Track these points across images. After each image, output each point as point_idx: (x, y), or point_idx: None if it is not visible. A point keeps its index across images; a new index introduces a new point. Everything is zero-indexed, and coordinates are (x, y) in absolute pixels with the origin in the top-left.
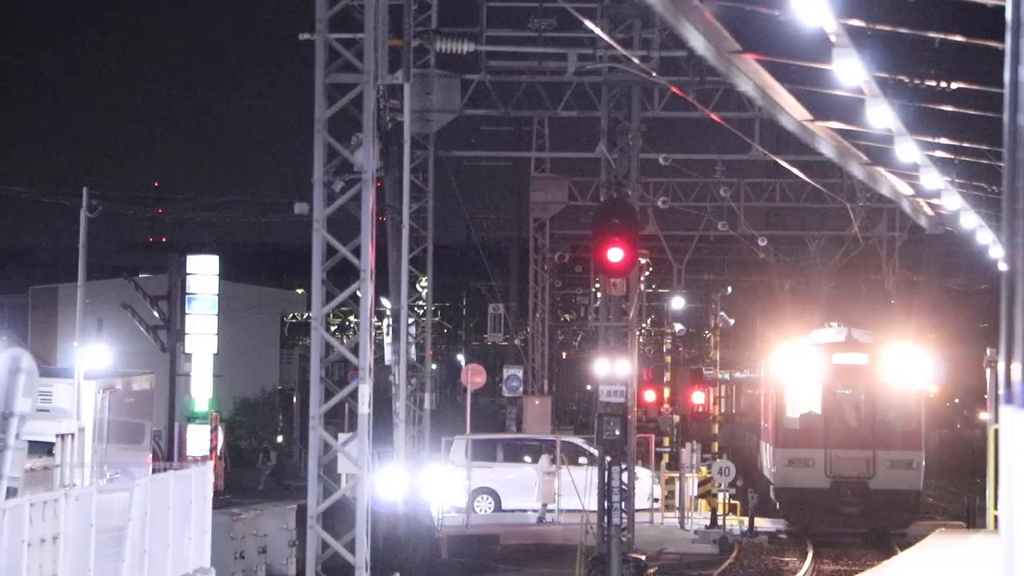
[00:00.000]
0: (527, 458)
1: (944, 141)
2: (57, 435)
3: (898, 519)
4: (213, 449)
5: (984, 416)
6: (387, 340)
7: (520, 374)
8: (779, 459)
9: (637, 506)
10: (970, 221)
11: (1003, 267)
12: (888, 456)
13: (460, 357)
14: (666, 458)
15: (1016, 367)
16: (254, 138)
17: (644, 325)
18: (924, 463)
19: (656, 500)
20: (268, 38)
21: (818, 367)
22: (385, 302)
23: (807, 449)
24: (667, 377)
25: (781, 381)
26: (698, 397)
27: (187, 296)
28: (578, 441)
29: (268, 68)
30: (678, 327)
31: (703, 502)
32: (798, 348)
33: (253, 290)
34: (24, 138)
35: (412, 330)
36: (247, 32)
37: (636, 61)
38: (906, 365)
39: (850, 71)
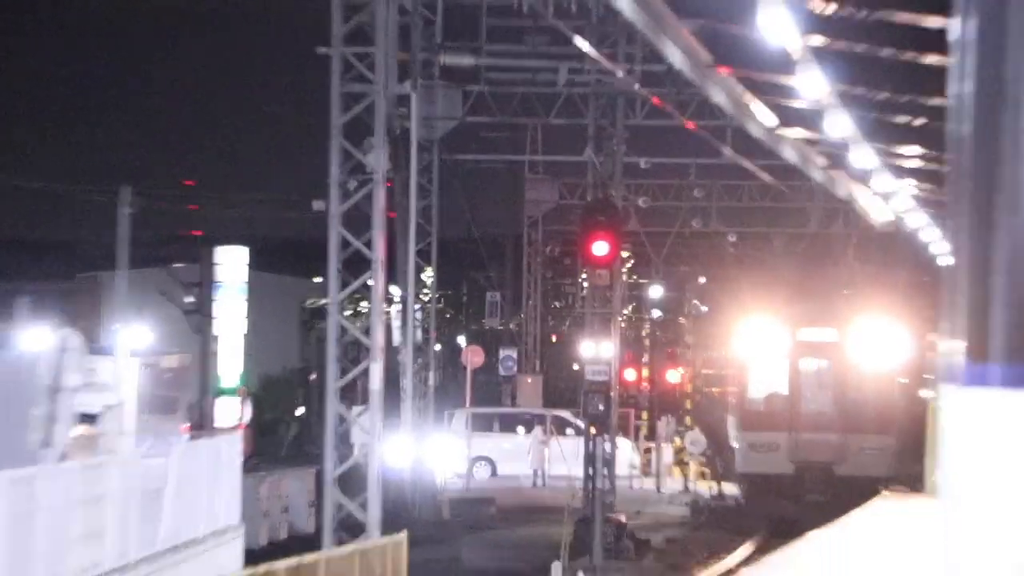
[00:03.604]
0: (521, 429)
1: (895, 148)
2: (102, 407)
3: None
4: (240, 419)
5: (925, 393)
6: (396, 324)
7: (514, 355)
8: (741, 442)
9: (618, 472)
10: (917, 220)
11: (946, 261)
12: (858, 440)
13: (461, 339)
14: (644, 430)
15: (956, 350)
16: (277, 142)
17: (626, 312)
18: (895, 448)
19: (635, 467)
20: (289, 52)
21: (783, 343)
22: (394, 290)
23: (771, 432)
24: (646, 358)
25: (744, 359)
26: (672, 376)
27: (217, 284)
28: (566, 414)
29: (290, 79)
30: (656, 313)
31: (677, 469)
32: (761, 323)
33: (276, 279)
34: (72, 140)
35: (418, 315)
36: (271, 47)
37: (620, 74)
38: (878, 342)
39: (812, 84)
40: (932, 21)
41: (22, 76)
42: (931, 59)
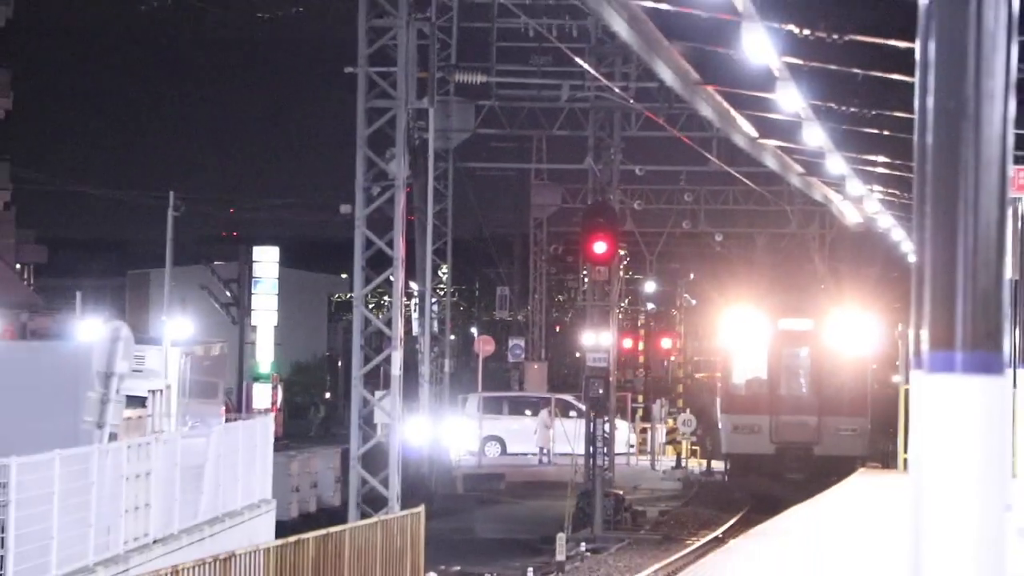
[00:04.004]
0: (528, 411)
1: (865, 157)
2: (149, 391)
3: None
4: (274, 403)
5: (896, 379)
6: (415, 316)
7: (522, 344)
8: (725, 424)
9: (616, 451)
10: (886, 221)
11: (912, 259)
12: (834, 422)
13: (473, 330)
14: (640, 412)
15: (923, 340)
16: (307, 151)
17: (622, 304)
18: (870, 428)
19: (632, 446)
20: (320, 72)
21: (763, 332)
22: (413, 285)
23: (752, 415)
24: (641, 346)
25: (727, 346)
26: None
27: (253, 279)
28: (569, 398)
29: (319, 95)
30: (650, 306)
31: (670, 448)
32: (744, 313)
33: (306, 275)
34: (124, 151)
35: (435, 308)
36: (304, 67)
37: (617, 90)
38: (851, 331)
39: (790, 99)
40: (897, 43)
41: (81, 94)
42: (896, 77)
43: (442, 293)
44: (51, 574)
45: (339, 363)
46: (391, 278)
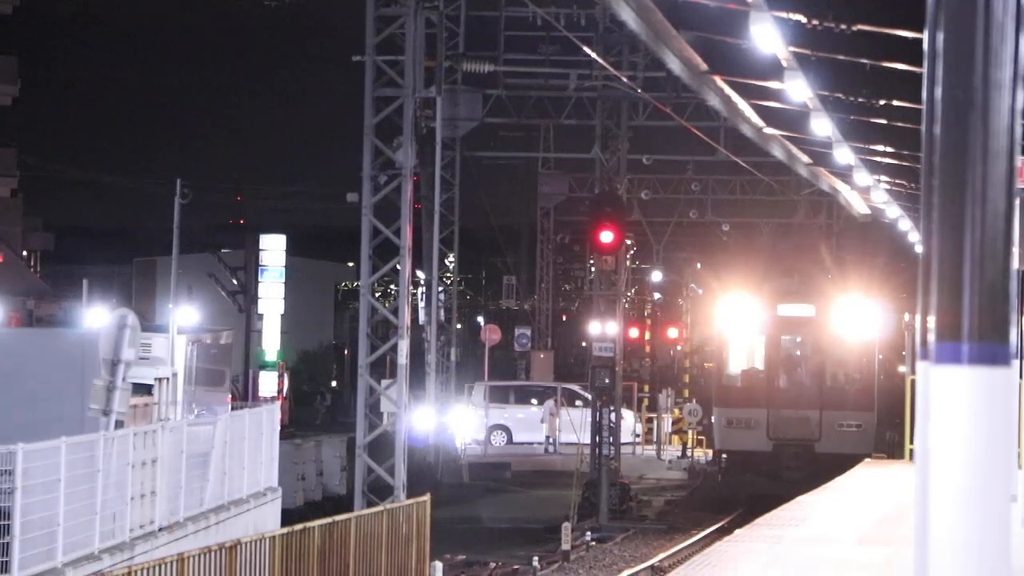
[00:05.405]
0: (534, 400)
1: (873, 147)
2: (155, 379)
3: None
4: (280, 391)
5: (902, 369)
6: (421, 305)
7: (528, 333)
8: (719, 419)
9: (622, 440)
10: (893, 212)
11: (919, 249)
12: (836, 417)
13: (480, 319)
14: (646, 401)
15: (929, 330)
16: (315, 140)
17: (629, 294)
18: (876, 424)
19: (638, 435)
20: (326, 59)
21: (760, 319)
22: (420, 274)
23: (748, 409)
24: (647, 336)
25: (722, 334)
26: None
27: (260, 268)
28: (575, 387)
29: (327, 83)
30: (657, 296)
31: (676, 437)
32: (740, 299)
33: (313, 263)
34: (132, 139)
35: (441, 296)
36: (310, 54)
37: (625, 80)
38: (857, 318)
39: (797, 89)
40: (905, 33)
41: (87, 82)
42: (904, 67)
43: (449, 282)
44: (57, 561)
45: (345, 351)
46: (398, 266)
